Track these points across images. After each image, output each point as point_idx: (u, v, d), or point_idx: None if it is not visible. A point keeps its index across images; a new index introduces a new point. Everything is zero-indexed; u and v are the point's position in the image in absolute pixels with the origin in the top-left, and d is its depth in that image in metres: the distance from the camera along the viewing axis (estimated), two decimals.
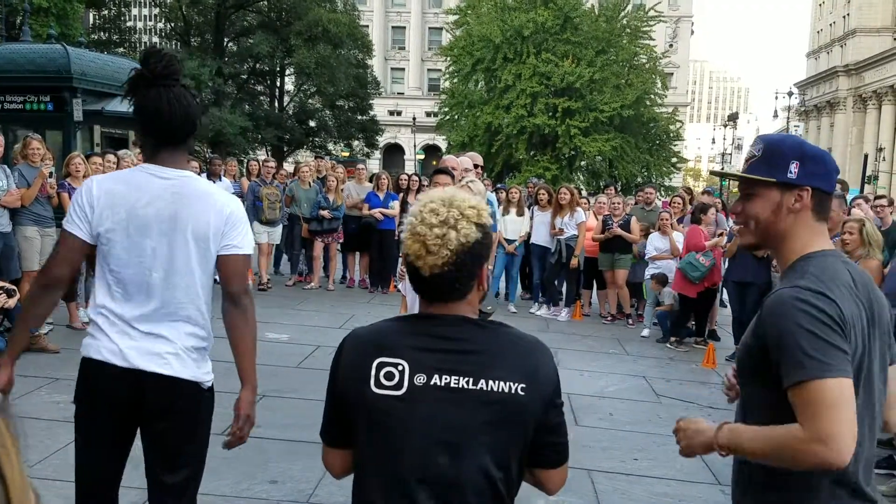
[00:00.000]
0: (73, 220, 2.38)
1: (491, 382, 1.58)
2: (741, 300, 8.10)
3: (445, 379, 1.58)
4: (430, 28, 57.32)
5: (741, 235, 1.93)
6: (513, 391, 1.59)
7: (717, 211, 9.43)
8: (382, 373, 1.59)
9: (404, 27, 58.23)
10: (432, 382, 1.58)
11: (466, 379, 1.58)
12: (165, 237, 2.34)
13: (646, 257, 9.36)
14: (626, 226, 9.62)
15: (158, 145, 2.40)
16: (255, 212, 10.44)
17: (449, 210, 1.60)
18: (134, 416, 2.39)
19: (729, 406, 2.07)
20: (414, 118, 48.86)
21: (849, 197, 9.35)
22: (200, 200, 2.39)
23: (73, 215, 2.39)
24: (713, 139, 68.48)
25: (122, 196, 2.36)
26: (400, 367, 1.59)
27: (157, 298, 2.35)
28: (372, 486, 1.60)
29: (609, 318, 9.99)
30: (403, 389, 1.57)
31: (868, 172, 38.37)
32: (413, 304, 4.27)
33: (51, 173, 7.19)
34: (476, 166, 6.01)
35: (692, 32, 58.94)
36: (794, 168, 1.77)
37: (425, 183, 10.98)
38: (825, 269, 1.71)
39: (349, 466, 1.69)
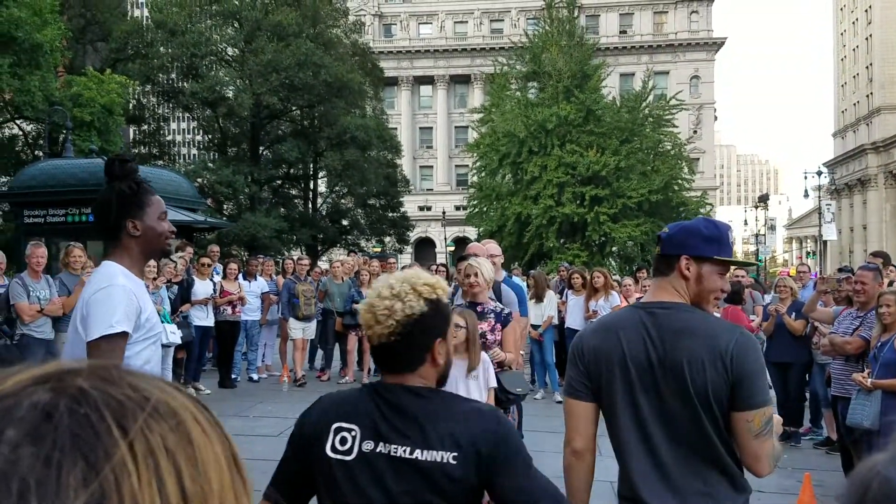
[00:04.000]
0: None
1: (425, 452, 1.59)
2: (783, 382, 7.61)
3: (387, 447, 1.62)
4: (455, 127, 58.94)
5: None
6: (443, 460, 1.59)
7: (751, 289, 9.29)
8: (338, 437, 1.65)
9: (431, 127, 59.99)
10: (378, 450, 1.62)
11: (405, 448, 1.61)
12: None
13: None
14: None
15: None
16: (292, 308, 10.59)
17: (402, 284, 1.66)
18: None
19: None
20: (443, 212, 49.63)
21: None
22: None
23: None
24: (745, 220, 67.93)
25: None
26: (353, 433, 1.64)
27: None
28: None
29: None
30: (353, 455, 1.63)
31: None
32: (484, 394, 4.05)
33: None
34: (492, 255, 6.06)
35: (715, 118, 59.76)
36: None
37: (453, 273, 11.01)
38: (613, 315, 2.42)
39: None
